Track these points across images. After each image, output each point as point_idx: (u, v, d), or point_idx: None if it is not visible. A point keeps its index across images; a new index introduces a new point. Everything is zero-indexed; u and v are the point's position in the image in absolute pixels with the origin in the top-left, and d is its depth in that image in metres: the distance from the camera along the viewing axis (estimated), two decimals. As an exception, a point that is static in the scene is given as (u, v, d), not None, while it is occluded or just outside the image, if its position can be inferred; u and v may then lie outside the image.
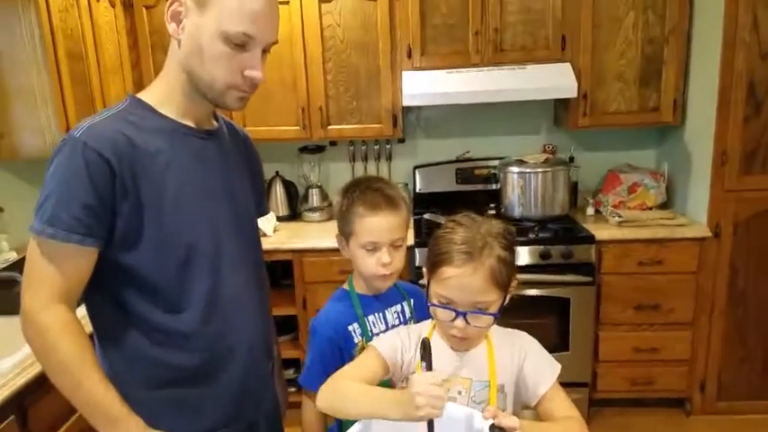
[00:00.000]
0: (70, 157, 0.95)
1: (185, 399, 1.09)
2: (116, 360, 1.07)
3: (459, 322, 1.02)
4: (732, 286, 2.44)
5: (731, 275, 2.44)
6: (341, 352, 1.21)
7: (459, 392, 1.07)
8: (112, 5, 2.45)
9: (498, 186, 2.77)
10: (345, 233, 1.24)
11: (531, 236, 2.50)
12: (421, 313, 1.24)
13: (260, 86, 1.03)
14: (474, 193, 2.89)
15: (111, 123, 0.99)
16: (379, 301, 1.27)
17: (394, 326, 1.26)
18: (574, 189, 2.84)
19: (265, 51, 1.03)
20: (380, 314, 1.26)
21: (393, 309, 1.28)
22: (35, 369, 1.46)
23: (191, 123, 1.08)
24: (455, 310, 1.01)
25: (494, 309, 1.03)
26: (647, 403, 2.64)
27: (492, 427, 0.87)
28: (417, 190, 2.92)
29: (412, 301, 1.31)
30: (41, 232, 0.95)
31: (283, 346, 2.64)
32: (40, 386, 1.47)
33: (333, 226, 1.35)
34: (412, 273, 2.46)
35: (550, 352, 1.13)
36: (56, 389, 1.47)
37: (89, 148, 0.94)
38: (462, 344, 1.07)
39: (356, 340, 1.23)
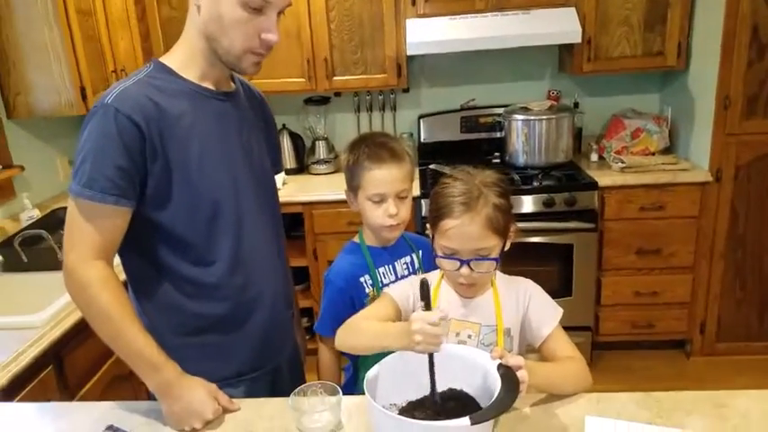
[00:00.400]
0: (103, 123, 1.00)
1: (214, 345, 1.19)
2: (150, 310, 1.16)
3: (465, 270, 1.09)
4: (732, 230, 2.51)
5: (731, 219, 2.50)
6: (352, 302, 1.30)
7: (470, 336, 1.16)
8: (116, -42, 2.42)
9: (503, 134, 2.80)
10: (353, 187, 1.30)
11: (536, 184, 2.55)
12: (428, 264, 1.30)
13: None
14: (479, 141, 2.92)
15: (138, 88, 1.04)
16: (388, 253, 1.34)
17: (403, 276, 1.32)
18: (578, 135, 2.86)
19: (280, 13, 1.07)
20: (390, 266, 1.33)
21: (402, 260, 1.35)
22: (69, 321, 1.56)
23: (210, 86, 1.12)
24: (459, 259, 1.08)
25: (494, 254, 1.09)
26: (649, 345, 2.75)
27: (499, 366, 0.96)
28: (422, 140, 2.95)
29: (420, 252, 1.37)
30: (79, 194, 1.01)
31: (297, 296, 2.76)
32: (74, 337, 1.58)
33: (340, 178, 1.41)
34: (418, 223, 2.53)
35: (554, 298, 1.20)
36: (89, 340, 1.59)
37: (121, 114, 1.00)
38: (470, 290, 1.15)
39: (367, 291, 1.30)
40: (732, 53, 2.31)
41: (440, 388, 1.03)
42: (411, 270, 1.34)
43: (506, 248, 1.14)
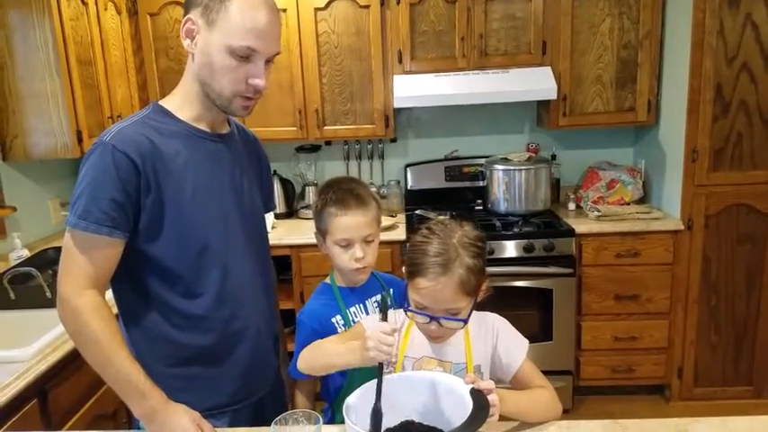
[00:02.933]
0: (101, 159, 1.07)
1: (200, 376, 1.22)
2: (138, 340, 1.20)
3: (434, 325, 1.14)
4: (705, 276, 2.59)
5: (704, 266, 2.59)
6: None
7: None
8: (118, 13, 2.58)
9: (485, 183, 2.91)
10: (321, 231, 1.36)
11: (516, 230, 2.65)
12: (400, 301, 1.31)
13: None
14: (462, 189, 3.04)
15: (136, 128, 1.12)
16: (359, 293, 1.37)
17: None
18: (556, 185, 2.99)
19: (269, 61, 1.16)
20: (361, 304, 1.37)
21: (373, 299, 1.39)
22: (55, 356, 1.57)
23: (205, 128, 1.20)
24: (429, 316, 1.13)
25: (464, 314, 1.14)
26: (629, 390, 2.78)
27: (471, 390, 1.01)
28: (409, 187, 3.06)
29: (391, 290, 1.41)
30: (75, 225, 1.07)
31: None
32: (59, 373, 1.59)
33: None
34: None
35: (535, 341, 1.26)
36: (74, 376, 1.61)
37: (118, 151, 1.07)
38: (439, 340, 1.20)
39: (339, 331, 1.33)
40: (698, 110, 2.47)
41: (410, 415, 1.08)
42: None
43: (477, 301, 1.18)
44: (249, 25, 1.08)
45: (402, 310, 1.20)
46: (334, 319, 1.34)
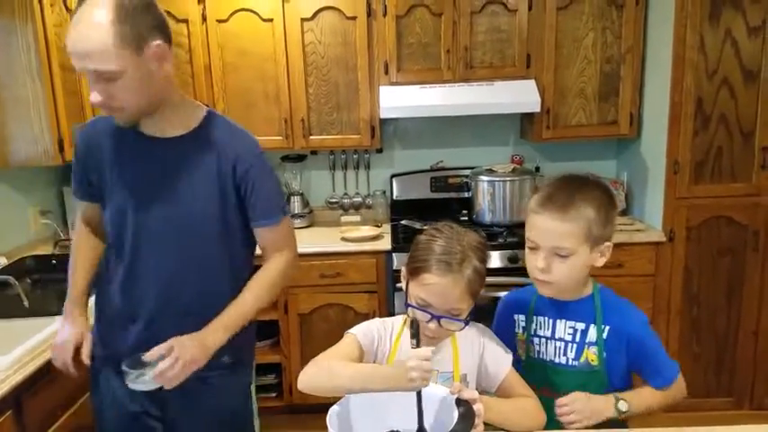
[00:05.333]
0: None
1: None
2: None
3: (433, 324, 1.14)
4: (686, 288, 2.62)
5: (685, 277, 2.61)
6: (506, 327, 1.35)
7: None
8: (102, 20, 2.55)
9: (470, 194, 2.93)
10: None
11: (501, 240, 2.66)
12: (609, 344, 1.21)
13: (244, 97, 1.19)
14: (447, 200, 3.05)
15: (94, 122, 1.41)
16: (558, 307, 1.27)
17: (561, 339, 1.26)
18: (541, 197, 3.00)
19: (101, 77, 1.16)
20: (551, 320, 1.28)
21: (571, 323, 1.25)
22: (31, 367, 1.54)
23: (144, 130, 1.32)
24: (431, 314, 1.13)
25: (464, 315, 1.15)
26: (613, 399, 2.79)
27: (457, 399, 1.01)
28: (395, 197, 3.07)
29: (606, 328, 1.22)
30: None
31: (264, 351, 2.74)
32: (34, 384, 1.55)
33: (314, 232, 1.48)
34: (389, 277, 2.60)
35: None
36: (50, 388, 1.61)
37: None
38: (432, 342, 1.19)
39: (516, 330, 1.33)
40: (679, 123, 2.51)
41: (395, 424, 1.06)
42: (573, 340, 1.24)
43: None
44: (68, 46, 1.16)
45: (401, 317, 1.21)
46: (516, 316, 1.33)
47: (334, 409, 1.03)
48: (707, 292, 2.63)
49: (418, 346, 1.03)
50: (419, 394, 1.01)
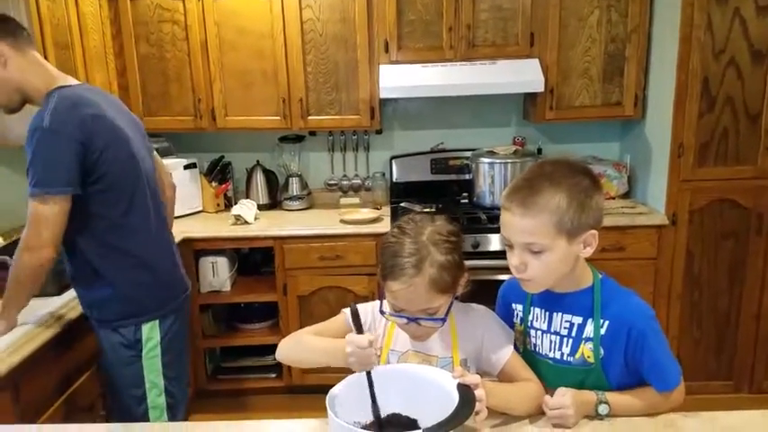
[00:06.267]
0: None
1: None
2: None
3: (412, 326, 1.12)
4: (688, 271, 2.60)
5: (687, 261, 2.59)
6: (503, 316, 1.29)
7: None
8: (97, -4, 2.50)
9: (470, 176, 2.89)
10: None
11: (502, 223, 2.62)
12: (607, 340, 1.13)
13: (242, 77, 1.14)
14: (448, 182, 3.01)
15: None
16: (555, 300, 1.19)
17: (557, 333, 1.19)
18: (541, 179, 2.97)
19: None
20: (548, 312, 1.21)
21: (567, 317, 1.18)
22: (29, 348, 1.53)
23: None
24: (406, 317, 1.11)
25: (441, 312, 1.11)
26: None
27: (459, 384, 0.99)
28: (394, 179, 3.03)
29: (605, 324, 1.14)
30: None
31: (263, 332, 2.74)
32: (32, 365, 1.53)
33: (312, 214, 1.45)
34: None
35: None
36: (47, 369, 1.61)
37: None
38: (421, 338, 1.18)
39: (514, 320, 1.27)
40: (684, 104, 2.47)
41: (396, 408, 1.06)
42: (569, 334, 1.17)
43: (458, 296, 1.16)
44: None
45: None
46: (514, 305, 1.27)
47: (333, 392, 1.01)
48: (708, 276, 2.61)
49: (359, 332, 1.04)
50: (369, 375, 1.02)
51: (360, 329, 1.05)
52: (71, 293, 1.77)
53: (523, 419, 1.12)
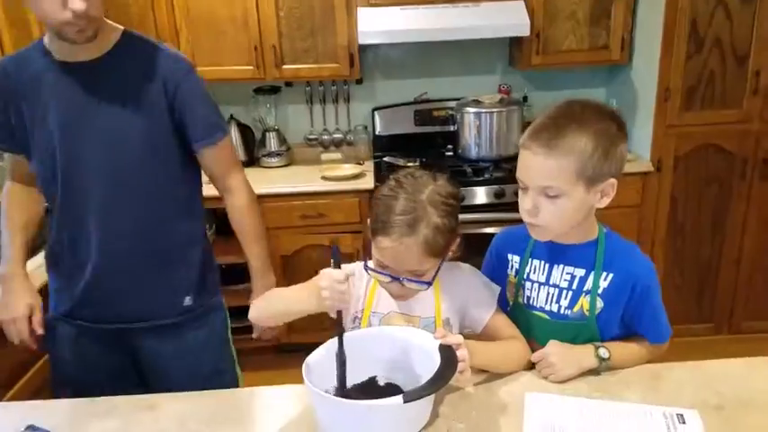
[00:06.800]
0: None
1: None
2: None
3: (395, 286, 1.08)
4: (671, 218, 2.60)
5: (671, 208, 2.59)
6: (494, 270, 1.26)
7: None
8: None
9: (455, 128, 2.82)
10: None
11: (487, 176, 2.58)
12: (609, 294, 1.11)
13: (210, 24, 1.05)
14: (432, 134, 2.93)
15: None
16: (558, 251, 1.15)
17: (556, 286, 1.16)
18: (526, 128, 2.91)
19: None
20: (548, 264, 1.18)
21: (569, 270, 1.15)
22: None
23: (65, 58, 1.22)
24: (390, 276, 1.06)
25: (428, 276, 1.07)
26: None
27: (441, 345, 0.96)
28: (377, 132, 2.94)
29: (609, 276, 1.12)
30: None
31: (247, 294, 2.67)
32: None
33: (292, 171, 1.39)
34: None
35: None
36: (8, 348, 1.50)
37: None
38: (401, 299, 1.14)
39: (508, 272, 1.23)
40: (672, 46, 2.39)
41: (378, 371, 1.05)
42: (570, 287, 1.14)
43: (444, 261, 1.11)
44: None
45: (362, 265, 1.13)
46: (510, 255, 1.23)
47: (311, 358, 0.98)
48: (692, 222, 2.61)
49: (337, 267, 0.99)
50: (338, 315, 0.99)
51: (338, 265, 0.99)
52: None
53: (507, 376, 1.10)
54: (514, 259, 1.23)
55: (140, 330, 1.34)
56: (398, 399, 0.83)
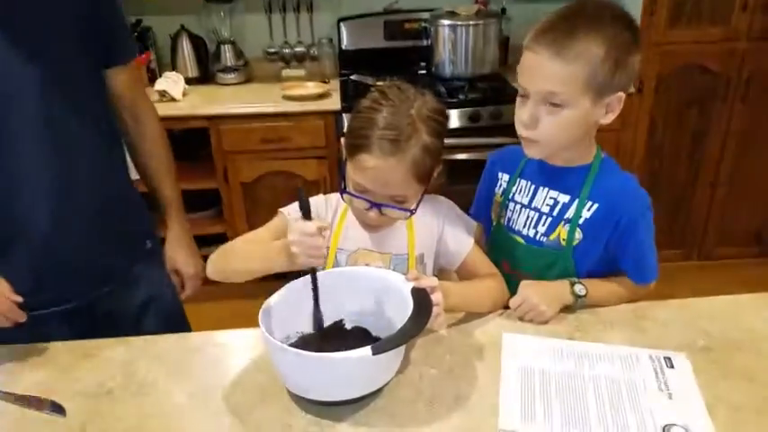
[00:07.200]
0: None
1: None
2: None
3: (373, 213, 0.96)
4: (650, 141, 2.52)
5: (650, 131, 2.50)
6: (487, 189, 1.22)
7: (379, 268, 1.05)
8: None
9: (428, 42, 2.61)
10: None
11: (462, 97, 2.41)
12: (592, 226, 1.03)
13: None
14: (404, 49, 2.71)
15: None
16: (546, 174, 1.08)
17: (537, 210, 1.08)
18: (505, 44, 2.72)
19: None
20: (534, 186, 1.11)
21: (553, 194, 1.07)
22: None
23: None
24: (370, 201, 0.94)
25: (411, 203, 0.96)
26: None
27: (413, 289, 0.86)
28: (343, 47, 2.71)
29: (594, 206, 1.03)
30: None
31: (205, 222, 2.53)
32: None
33: (250, 88, 1.22)
34: (339, 140, 2.35)
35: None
36: None
37: None
38: (376, 228, 1.03)
39: (497, 189, 1.18)
40: (660, -46, 2.22)
41: (345, 315, 0.95)
42: (550, 212, 1.05)
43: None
44: None
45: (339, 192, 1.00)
46: (501, 174, 1.15)
47: (270, 302, 0.88)
48: (670, 145, 2.55)
49: (306, 218, 0.85)
50: (313, 275, 0.87)
51: (308, 215, 0.85)
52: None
53: (483, 316, 1.02)
54: (504, 178, 1.15)
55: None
56: (367, 350, 0.74)
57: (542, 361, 0.91)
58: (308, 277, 0.92)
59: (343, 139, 0.98)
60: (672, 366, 0.87)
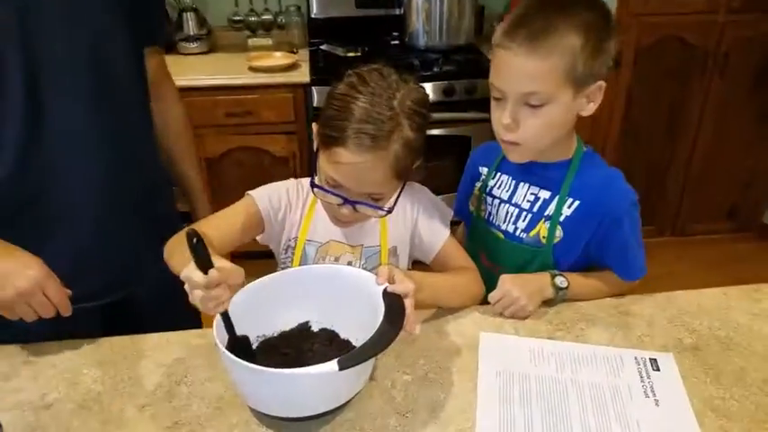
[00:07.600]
0: None
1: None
2: None
3: (346, 209, 0.87)
4: (626, 116, 2.47)
5: (626, 105, 2.45)
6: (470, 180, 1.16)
7: (350, 262, 0.98)
8: None
9: (401, 11, 2.49)
10: None
11: (436, 69, 2.31)
12: (571, 224, 0.98)
13: None
14: (376, 18, 2.59)
15: None
16: (525, 169, 1.03)
17: (518, 206, 1.03)
18: (480, 14, 2.62)
19: None
20: (514, 182, 1.06)
21: (533, 190, 1.02)
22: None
23: None
24: (344, 198, 0.86)
25: (387, 201, 0.88)
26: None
27: (384, 292, 0.78)
28: (312, 15, 2.57)
29: (574, 204, 0.98)
30: None
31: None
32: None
33: (215, 58, 1.15)
34: (309, 114, 2.24)
35: (448, 193, 1.05)
36: None
37: None
38: (346, 225, 0.95)
39: (477, 185, 1.13)
40: None
41: (311, 316, 0.89)
42: (530, 209, 1.00)
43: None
44: None
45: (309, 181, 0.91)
46: (482, 168, 1.10)
47: (235, 298, 0.78)
48: (646, 121, 2.50)
49: (202, 270, 0.69)
50: (224, 316, 0.74)
51: (203, 264, 0.68)
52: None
53: (458, 312, 0.97)
54: (483, 171, 1.10)
55: None
56: (333, 365, 0.67)
57: (522, 364, 0.85)
58: (272, 275, 0.86)
59: (315, 126, 0.88)
60: (657, 369, 0.83)
